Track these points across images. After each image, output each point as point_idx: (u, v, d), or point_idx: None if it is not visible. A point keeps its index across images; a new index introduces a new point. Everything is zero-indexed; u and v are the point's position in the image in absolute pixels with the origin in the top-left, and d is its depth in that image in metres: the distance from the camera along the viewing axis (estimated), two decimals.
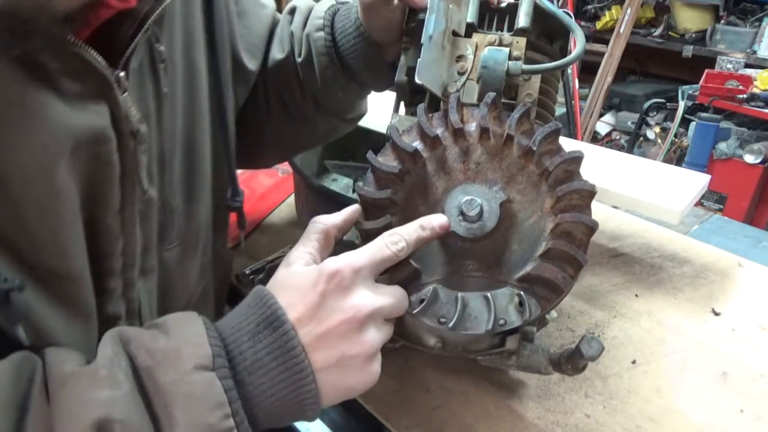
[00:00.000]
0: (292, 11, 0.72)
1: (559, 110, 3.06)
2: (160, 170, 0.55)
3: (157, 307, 0.58)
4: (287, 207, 1.07)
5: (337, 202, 0.85)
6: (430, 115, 0.58)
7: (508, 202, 0.54)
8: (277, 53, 0.71)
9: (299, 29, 0.70)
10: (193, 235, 0.62)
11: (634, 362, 0.72)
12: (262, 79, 0.72)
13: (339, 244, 0.53)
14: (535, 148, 0.53)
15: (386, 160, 0.56)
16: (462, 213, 0.54)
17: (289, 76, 0.71)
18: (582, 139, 3.38)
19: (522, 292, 0.52)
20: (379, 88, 0.74)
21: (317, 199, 0.90)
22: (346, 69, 0.68)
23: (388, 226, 0.53)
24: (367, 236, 0.54)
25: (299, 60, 0.69)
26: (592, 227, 0.52)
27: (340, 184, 1.12)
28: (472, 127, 0.56)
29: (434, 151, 0.56)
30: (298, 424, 0.68)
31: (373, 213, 0.54)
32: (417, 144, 0.56)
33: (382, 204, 0.54)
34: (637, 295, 0.85)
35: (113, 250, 0.49)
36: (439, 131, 0.56)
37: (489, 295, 0.52)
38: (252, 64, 0.69)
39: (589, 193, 0.52)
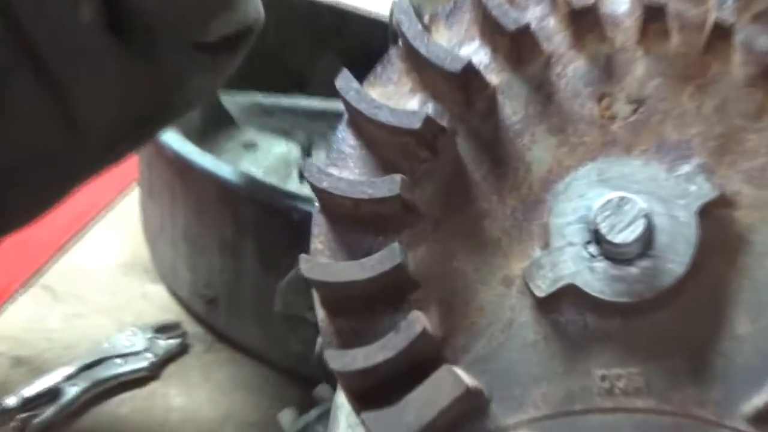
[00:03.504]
0: None
1: None
2: None
3: None
4: None
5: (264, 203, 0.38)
6: None
7: (724, 202, 0.23)
8: None
9: None
10: None
11: None
12: None
13: None
14: None
15: (391, 99, 0.22)
16: (598, 234, 0.21)
17: None
18: None
19: None
20: None
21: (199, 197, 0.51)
22: None
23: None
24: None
25: None
26: None
27: (267, 157, 0.58)
28: (618, 5, 0.22)
29: (521, 71, 0.23)
30: None
31: (356, 250, 0.22)
32: (479, 53, 0.23)
33: (381, 217, 0.24)
34: None
35: None
36: (530, 15, 0.22)
37: None
38: None
39: None
